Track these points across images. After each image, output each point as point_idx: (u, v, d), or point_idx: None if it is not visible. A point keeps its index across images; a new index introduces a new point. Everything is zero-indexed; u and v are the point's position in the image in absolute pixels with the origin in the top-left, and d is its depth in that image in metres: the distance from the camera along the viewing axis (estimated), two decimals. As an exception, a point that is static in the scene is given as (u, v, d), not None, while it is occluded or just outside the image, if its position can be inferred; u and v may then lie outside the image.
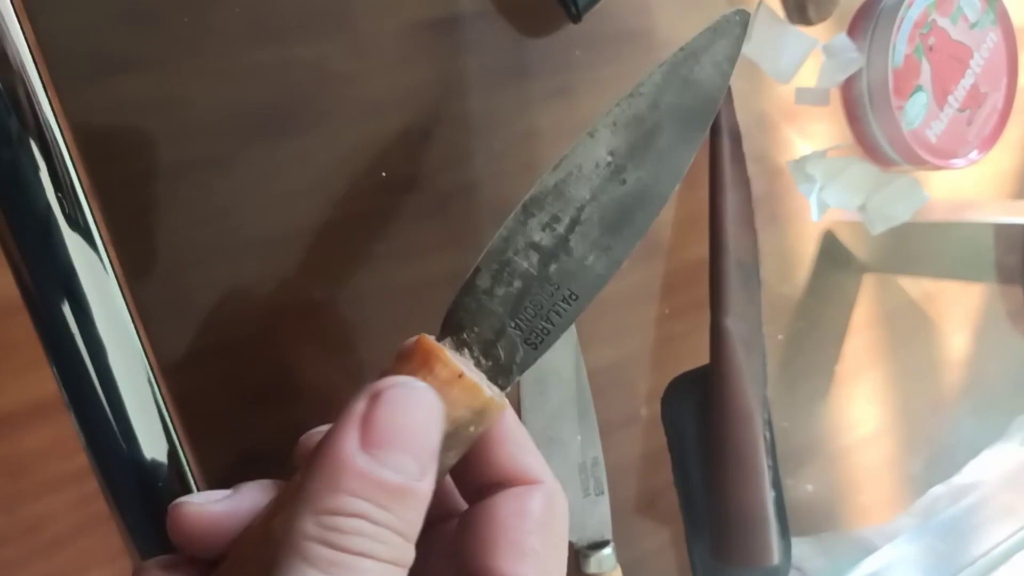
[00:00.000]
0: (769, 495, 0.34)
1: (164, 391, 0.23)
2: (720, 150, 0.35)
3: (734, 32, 0.21)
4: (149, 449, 0.22)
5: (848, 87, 0.40)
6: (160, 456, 0.22)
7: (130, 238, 0.24)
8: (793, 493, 0.40)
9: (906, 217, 0.40)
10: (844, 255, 0.42)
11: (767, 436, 0.35)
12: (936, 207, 0.44)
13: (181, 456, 0.23)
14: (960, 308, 0.47)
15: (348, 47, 0.27)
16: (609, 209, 0.21)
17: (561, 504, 0.21)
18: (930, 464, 0.47)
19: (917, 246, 0.45)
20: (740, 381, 0.34)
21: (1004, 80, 0.42)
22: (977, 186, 0.46)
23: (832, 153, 0.39)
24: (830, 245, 0.41)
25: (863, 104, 0.39)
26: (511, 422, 0.21)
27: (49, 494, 0.24)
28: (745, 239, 0.35)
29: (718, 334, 0.34)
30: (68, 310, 0.20)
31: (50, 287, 0.20)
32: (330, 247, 0.28)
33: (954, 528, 0.45)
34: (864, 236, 0.41)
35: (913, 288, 0.45)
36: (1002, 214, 0.48)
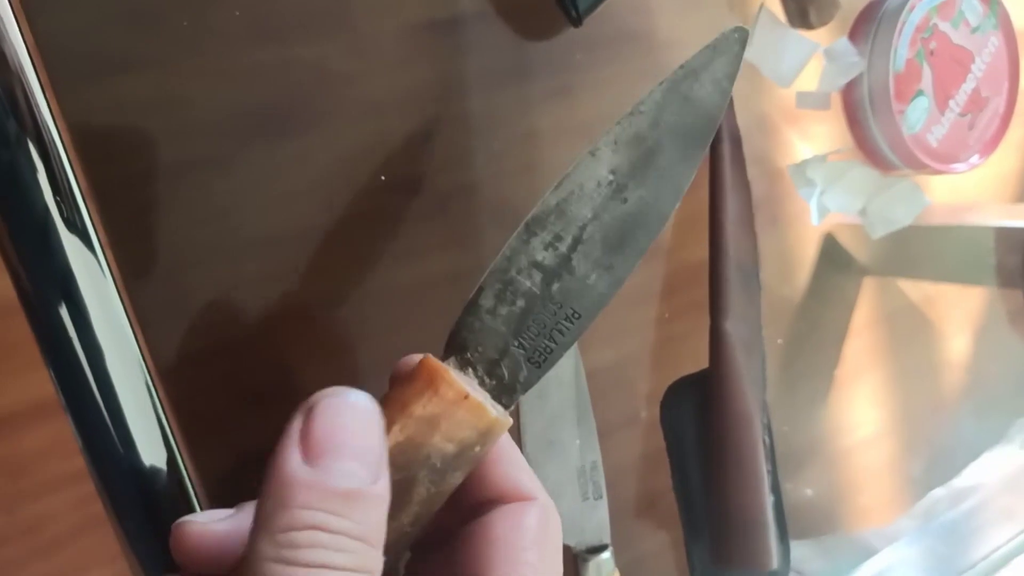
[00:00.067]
0: (768, 499, 0.34)
1: (162, 394, 0.23)
2: (720, 153, 0.34)
3: (733, 50, 0.21)
4: (147, 452, 0.22)
5: (849, 91, 0.40)
6: (158, 460, 0.22)
7: (129, 239, 0.24)
8: (793, 497, 0.40)
9: (907, 221, 0.40)
10: (844, 258, 0.42)
11: (766, 440, 0.35)
12: (937, 210, 0.44)
13: (179, 459, 0.23)
14: (960, 311, 0.47)
15: (348, 47, 0.27)
16: (611, 228, 0.21)
17: (555, 520, 0.21)
18: (930, 466, 0.47)
19: (918, 249, 0.45)
20: (740, 384, 0.34)
21: (1005, 84, 0.42)
22: (978, 189, 0.46)
23: (833, 157, 0.39)
24: (830, 248, 0.41)
25: (864, 108, 0.39)
26: (505, 439, 0.21)
27: (49, 494, 0.24)
28: (745, 242, 0.35)
29: (718, 338, 0.34)
30: (66, 313, 0.20)
31: (48, 290, 0.20)
32: (330, 247, 0.28)
33: (954, 531, 0.45)
34: (864, 239, 0.41)
35: (913, 291, 0.45)
36: (1003, 217, 0.48)
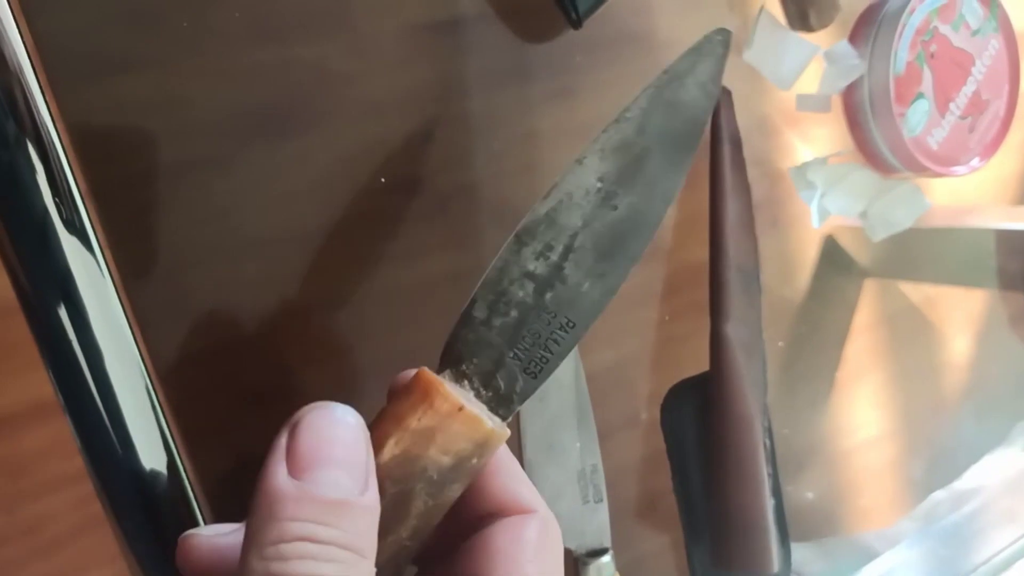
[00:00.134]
0: (769, 501, 0.34)
1: (161, 395, 0.23)
2: (721, 155, 0.34)
3: (717, 52, 0.21)
4: (146, 453, 0.22)
5: (849, 94, 0.40)
6: (157, 460, 0.22)
7: (129, 239, 0.24)
8: (794, 499, 0.40)
9: (907, 224, 0.40)
10: (845, 260, 0.42)
11: (767, 443, 0.34)
12: (937, 213, 0.44)
13: (178, 460, 0.23)
14: (961, 313, 0.47)
15: (348, 47, 0.27)
16: (602, 235, 0.21)
17: (555, 532, 0.21)
18: (931, 469, 0.47)
19: (918, 251, 0.45)
20: (740, 387, 0.34)
21: (1006, 87, 0.42)
22: (978, 191, 0.46)
23: (833, 160, 0.39)
24: (831, 250, 0.41)
25: (864, 111, 0.39)
26: (503, 452, 0.21)
27: (48, 494, 0.24)
28: (745, 244, 0.35)
29: (718, 340, 0.34)
30: (65, 313, 0.20)
31: (47, 290, 0.20)
32: (330, 248, 0.28)
33: (956, 534, 0.45)
34: (865, 241, 0.41)
35: (914, 293, 0.45)
36: (1004, 220, 0.48)
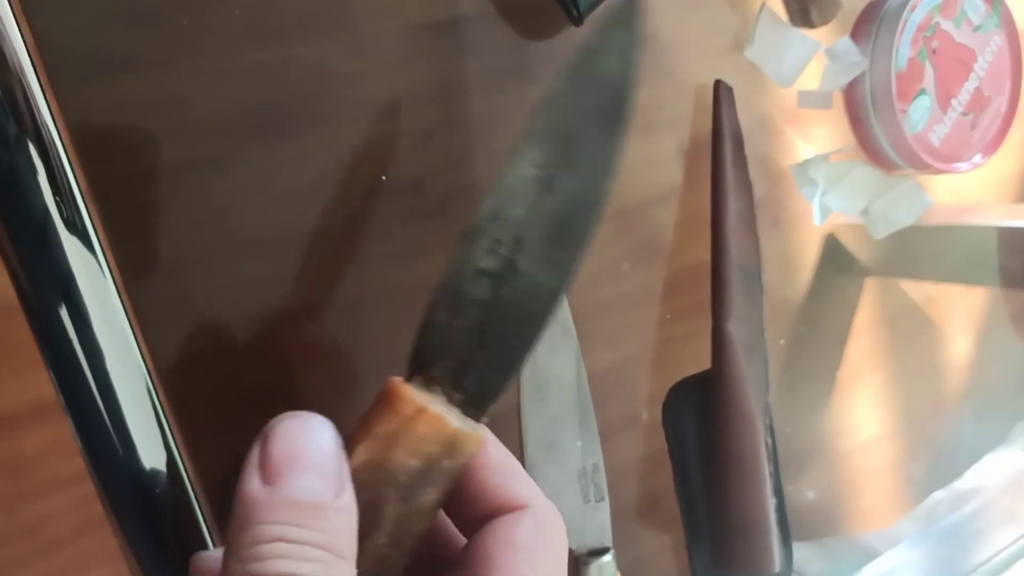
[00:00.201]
0: (770, 502, 0.34)
1: (162, 394, 0.23)
2: (722, 153, 0.34)
3: (630, 18, 0.21)
4: (146, 453, 0.22)
5: (851, 90, 0.40)
6: (158, 460, 0.22)
7: (129, 239, 0.24)
8: (795, 498, 0.40)
9: (909, 221, 0.40)
10: (846, 259, 0.42)
11: (769, 442, 0.34)
12: (939, 211, 0.44)
13: (179, 460, 0.23)
14: (963, 312, 0.47)
15: (348, 47, 0.27)
16: (548, 222, 0.20)
17: (553, 525, 0.21)
18: (932, 469, 0.47)
19: (920, 249, 0.45)
20: (742, 386, 0.33)
21: (1008, 83, 0.42)
22: (980, 189, 0.46)
23: (835, 157, 0.39)
24: (832, 249, 0.41)
25: (866, 107, 0.39)
26: (493, 449, 0.21)
27: (49, 494, 0.24)
28: (747, 243, 0.35)
29: (720, 339, 0.34)
30: (65, 313, 0.20)
31: (47, 290, 0.20)
32: (331, 248, 0.28)
33: (956, 534, 0.45)
34: (866, 239, 0.41)
35: (915, 292, 0.45)
36: (1005, 218, 0.48)
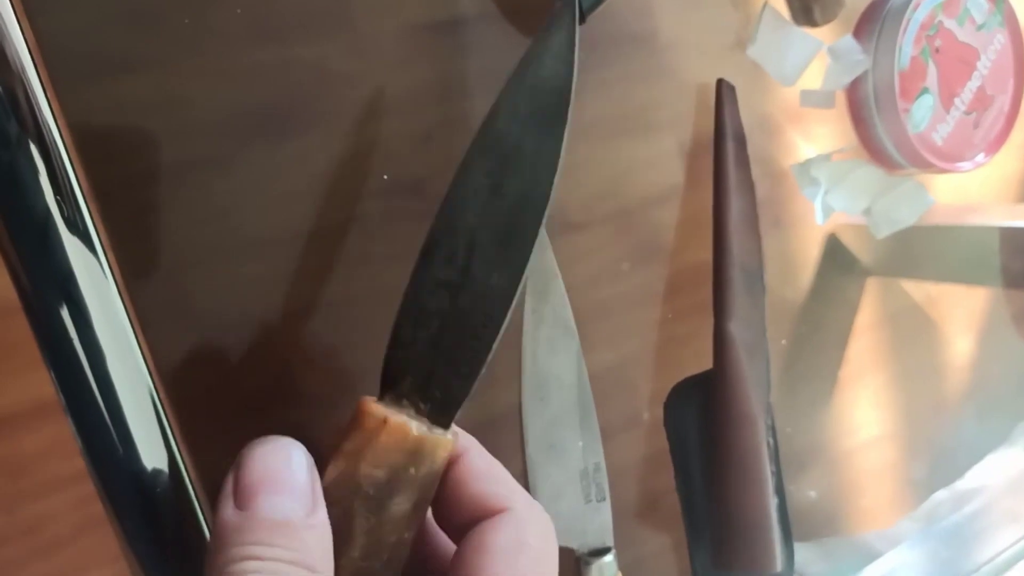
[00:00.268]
0: (772, 501, 0.34)
1: (162, 394, 0.23)
2: (724, 153, 0.34)
3: (564, 21, 0.22)
4: (147, 453, 0.22)
5: (853, 89, 0.39)
6: (158, 460, 0.22)
7: (130, 239, 0.24)
8: (796, 498, 0.40)
9: (911, 221, 0.40)
10: (848, 259, 0.42)
11: (770, 442, 0.34)
12: (941, 210, 0.44)
13: (179, 460, 0.23)
14: (964, 312, 0.47)
15: (349, 47, 0.27)
16: (497, 225, 0.21)
17: (535, 527, 0.21)
18: (933, 469, 0.47)
19: (921, 249, 0.45)
20: (743, 386, 0.33)
21: (1011, 82, 0.41)
22: (983, 189, 0.46)
23: (837, 156, 0.39)
24: (834, 249, 0.41)
25: (868, 107, 0.39)
26: (475, 457, 0.21)
27: (49, 494, 0.24)
28: (749, 243, 0.35)
29: (721, 339, 0.34)
30: (66, 313, 0.20)
31: (48, 290, 0.20)
32: (331, 248, 0.28)
33: (957, 534, 0.45)
34: (868, 239, 0.41)
35: (917, 292, 0.45)
36: (1008, 218, 0.48)
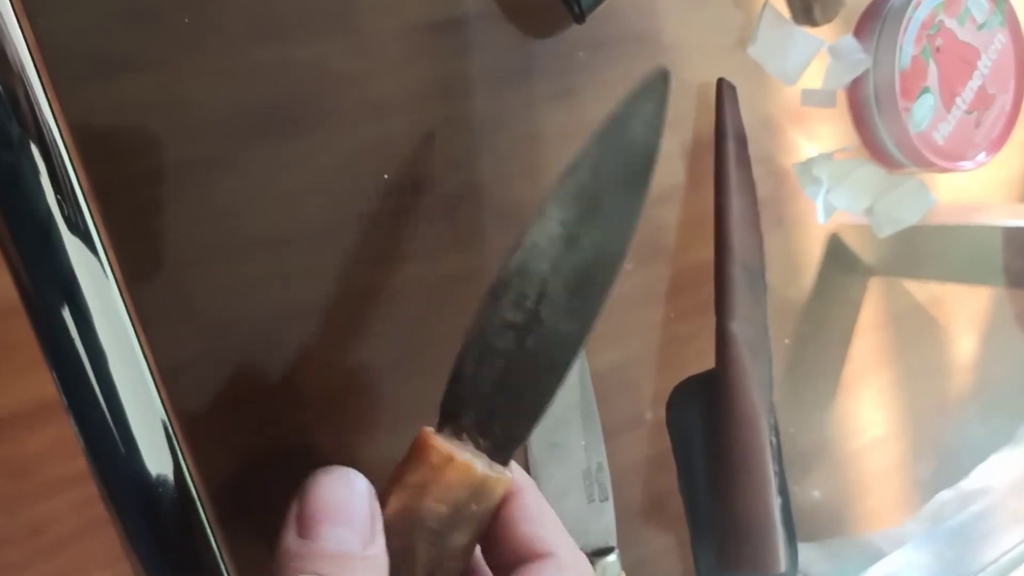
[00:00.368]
0: (775, 501, 0.34)
1: (164, 395, 0.23)
2: (725, 153, 0.34)
3: (659, 92, 0.22)
4: (149, 454, 0.22)
5: (854, 89, 0.39)
6: (160, 461, 0.22)
7: (131, 239, 0.24)
8: (800, 499, 0.40)
9: (913, 220, 0.40)
10: (850, 258, 0.42)
11: (773, 442, 0.34)
12: (944, 210, 0.44)
13: (181, 461, 0.23)
14: (968, 311, 0.47)
15: (351, 47, 0.27)
16: (570, 276, 0.21)
17: (576, 573, 0.21)
18: (938, 469, 0.46)
19: (924, 249, 0.45)
20: (746, 386, 0.33)
21: (1012, 82, 0.41)
22: (985, 188, 0.46)
23: (838, 155, 0.39)
24: (836, 248, 0.41)
25: (870, 106, 0.39)
26: (529, 499, 0.22)
27: (51, 496, 0.24)
28: (751, 242, 0.35)
29: (724, 338, 0.34)
30: (67, 313, 0.20)
31: (49, 290, 0.20)
32: (333, 248, 0.27)
33: (962, 534, 0.45)
34: (870, 239, 0.41)
35: (920, 291, 0.45)
36: (1010, 217, 0.48)
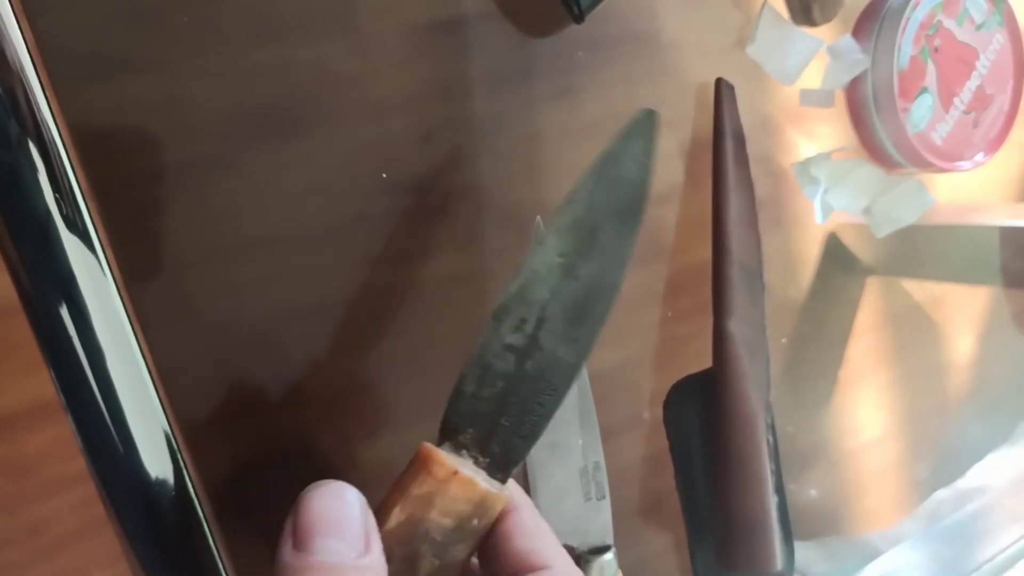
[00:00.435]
0: (772, 500, 0.34)
1: (163, 395, 0.23)
2: (724, 152, 0.34)
3: (647, 133, 0.23)
4: (148, 454, 0.22)
5: (853, 89, 0.39)
6: (159, 461, 0.22)
7: (130, 239, 0.24)
8: (797, 498, 0.40)
9: (911, 220, 0.40)
10: (848, 258, 0.42)
11: (771, 441, 0.34)
12: (941, 210, 0.44)
13: (180, 461, 0.23)
14: (965, 311, 0.47)
15: (350, 48, 0.27)
16: (568, 304, 0.23)
17: None
18: (935, 468, 0.47)
19: (922, 249, 0.45)
20: (743, 385, 0.33)
21: (1010, 82, 0.42)
22: (983, 188, 0.46)
23: (836, 155, 0.39)
24: (834, 248, 0.41)
25: (868, 106, 0.39)
26: (526, 515, 0.22)
27: (50, 496, 0.24)
28: (748, 242, 0.35)
29: (721, 338, 0.34)
30: (66, 313, 0.20)
31: (48, 290, 0.20)
32: (332, 248, 0.28)
33: (959, 533, 0.45)
34: (868, 239, 0.41)
35: (918, 291, 0.45)
36: (1008, 217, 0.48)
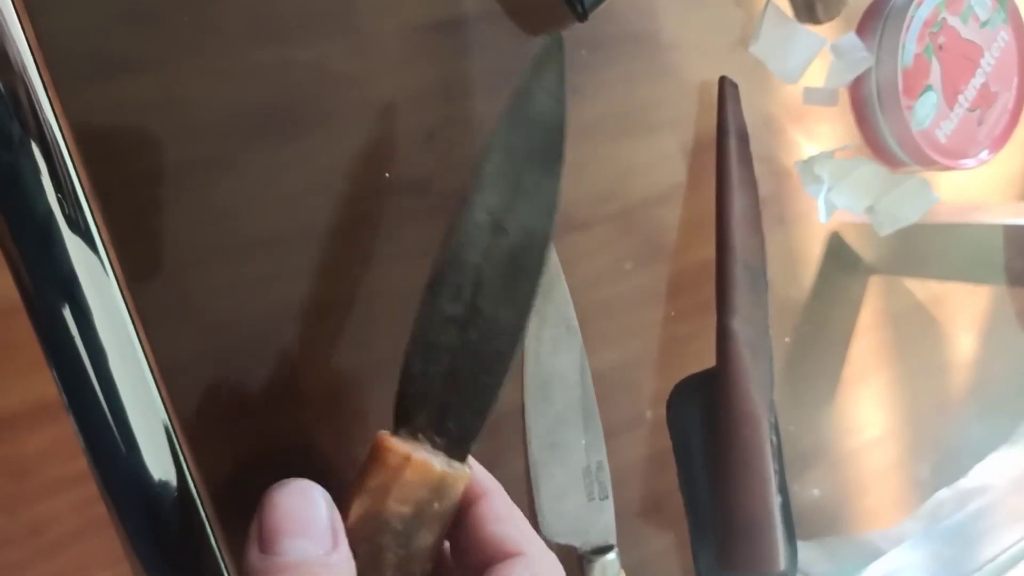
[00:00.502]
0: (775, 500, 0.34)
1: (165, 395, 0.23)
2: (727, 151, 0.34)
3: (554, 57, 0.22)
4: (150, 454, 0.22)
5: (857, 87, 0.39)
6: (161, 461, 0.22)
7: (132, 239, 0.24)
8: (799, 498, 0.40)
9: (915, 219, 0.40)
10: (851, 257, 0.42)
11: (773, 440, 0.34)
12: (945, 209, 0.44)
13: (182, 461, 0.23)
14: (968, 310, 0.47)
15: (350, 47, 0.27)
16: (501, 262, 0.22)
17: (549, 572, 0.21)
18: (937, 468, 0.46)
19: (925, 248, 0.45)
20: (746, 384, 0.33)
21: (1015, 79, 0.41)
22: (986, 187, 0.46)
23: (840, 154, 0.39)
24: (837, 247, 0.41)
25: (872, 104, 0.39)
26: (497, 501, 0.22)
27: (52, 496, 0.24)
28: (752, 241, 0.35)
29: (724, 337, 0.34)
30: (68, 313, 0.20)
31: (50, 290, 0.20)
32: (333, 248, 0.27)
33: (961, 533, 0.45)
34: (871, 238, 0.41)
35: (920, 290, 0.45)
36: (1012, 216, 0.48)
